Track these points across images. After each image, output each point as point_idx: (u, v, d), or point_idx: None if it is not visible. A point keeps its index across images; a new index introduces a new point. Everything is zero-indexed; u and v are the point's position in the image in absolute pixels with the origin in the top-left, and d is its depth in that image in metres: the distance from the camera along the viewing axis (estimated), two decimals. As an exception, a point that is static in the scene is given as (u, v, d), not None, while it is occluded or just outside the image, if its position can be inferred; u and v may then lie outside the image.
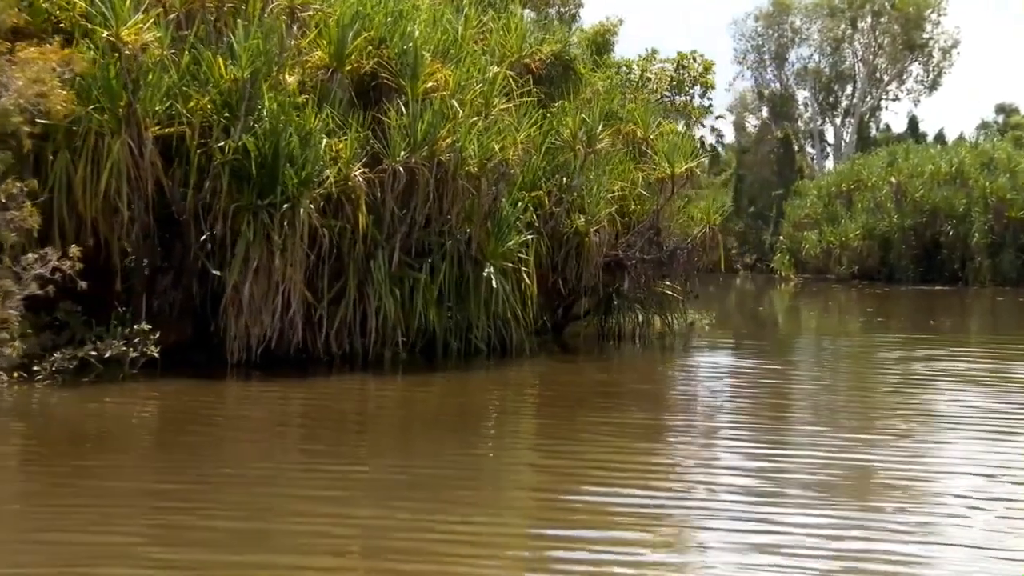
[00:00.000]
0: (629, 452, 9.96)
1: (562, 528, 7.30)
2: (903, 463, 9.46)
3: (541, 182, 16.68)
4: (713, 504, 7.95)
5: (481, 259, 15.57)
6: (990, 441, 10.53)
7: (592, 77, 18.95)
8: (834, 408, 12.86)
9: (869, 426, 11.37)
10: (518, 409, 13.00)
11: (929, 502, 8.22)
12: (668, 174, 18.00)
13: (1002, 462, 9.50)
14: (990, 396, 13.41)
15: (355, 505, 7.72)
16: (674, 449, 10.42)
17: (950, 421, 11.74)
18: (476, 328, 15.56)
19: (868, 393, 14.21)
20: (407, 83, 14.61)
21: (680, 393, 14.60)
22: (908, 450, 10.11)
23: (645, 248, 18.15)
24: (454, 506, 7.75)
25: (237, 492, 8.02)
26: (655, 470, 9.30)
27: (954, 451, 10.24)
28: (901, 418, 11.90)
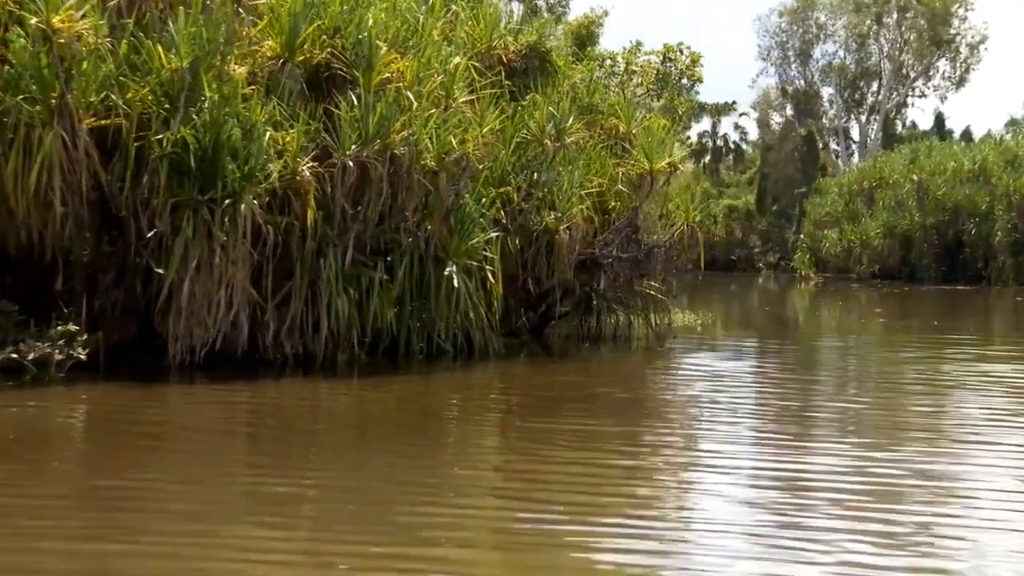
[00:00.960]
0: (558, 462, 9.34)
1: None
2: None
3: (510, 177, 16.01)
4: (623, 527, 7.28)
5: (444, 257, 14.94)
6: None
7: (571, 70, 18.25)
8: (801, 416, 12.12)
9: (842, 442, 10.65)
10: (461, 415, 12.33)
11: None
12: (647, 169, 17.27)
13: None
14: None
15: (212, 521, 7.11)
16: (606, 458, 9.71)
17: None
18: (439, 329, 14.92)
19: (844, 402, 13.44)
20: (361, 74, 13.98)
21: (643, 397, 13.90)
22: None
23: (623, 246, 17.43)
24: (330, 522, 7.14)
25: (96, 509, 7.43)
26: (575, 482, 8.63)
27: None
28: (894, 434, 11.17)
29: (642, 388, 14.68)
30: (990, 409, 12.44)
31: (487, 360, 15.44)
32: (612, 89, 19.45)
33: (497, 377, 14.96)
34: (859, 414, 12.17)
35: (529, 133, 15.91)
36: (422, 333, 15.06)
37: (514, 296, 17.07)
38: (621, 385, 14.86)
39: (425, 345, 15.05)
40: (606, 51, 19.23)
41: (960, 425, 11.42)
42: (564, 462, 9.32)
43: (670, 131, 19.12)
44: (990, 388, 14.19)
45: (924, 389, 14.25)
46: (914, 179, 45.45)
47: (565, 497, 7.95)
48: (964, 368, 16.14)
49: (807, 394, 14.10)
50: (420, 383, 13.90)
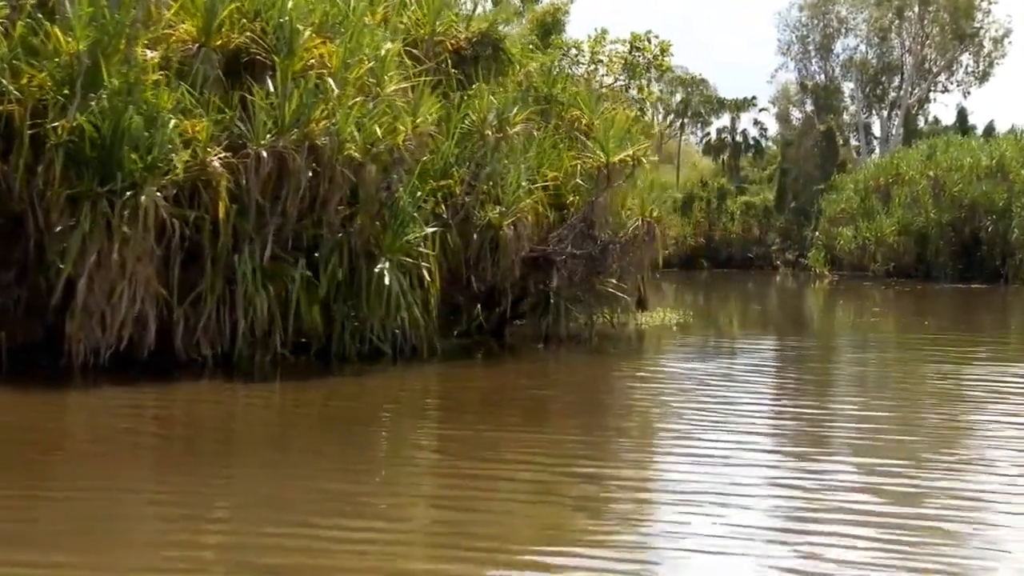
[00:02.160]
0: (452, 475, 8.59)
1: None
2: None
3: (453, 170, 15.15)
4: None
5: (377, 254, 14.12)
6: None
7: (529, 59, 17.36)
8: (737, 426, 11.17)
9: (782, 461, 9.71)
10: (367, 422, 11.45)
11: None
12: (603, 162, 16.36)
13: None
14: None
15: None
16: (508, 471, 8.82)
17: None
18: (371, 329, 14.10)
19: (795, 408, 12.49)
20: (281, 60, 13.17)
21: (577, 401, 13.02)
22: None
23: (578, 243, 16.52)
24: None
25: None
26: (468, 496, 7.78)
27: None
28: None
29: (582, 392, 13.80)
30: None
31: (428, 362, 14.64)
32: (579, 79, 18.50)
33: (430, 380, 14.16)
34: (804, 421, 11.28)
35: (471, 123, 14.99)
36: (358, 333, 14.24)
37: (464, 295, 16.24)
38: (561, 389, 14.04)
39: (360, 346, 14.22)
40: (571, 40, 18.30)
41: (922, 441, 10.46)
42: (458, 475, 8.62)
43: (635, 123, 18.21)
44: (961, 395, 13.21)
45: (875, 396, 13.29)
46: (930, 175, 44.08)
47: (443, 515, 7.35)
48: (940, 373, 15.13)
49: (761, 399, 13.16)
50: (343, 386, 13.14)
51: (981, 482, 8.33)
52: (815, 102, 59.05)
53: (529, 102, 16.85)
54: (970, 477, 8.58)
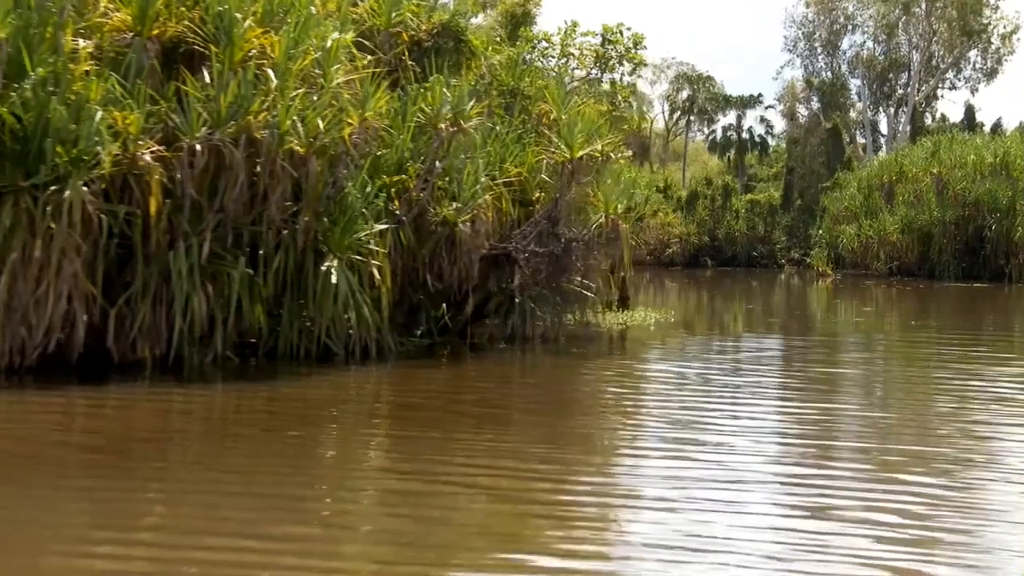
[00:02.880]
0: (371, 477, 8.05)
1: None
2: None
3: (408, 165, 14.59)
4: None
5: (326, 251, 13.59)
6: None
7: (498, 51, 16.80)
8: (697, 429, 10.58)
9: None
10: (301, 425, 10.86)
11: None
12: (567, 158, 15.78)
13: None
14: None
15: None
16: (434, 475, 8.27)
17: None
18: (320, 329, 13.58)
19: (738, 415, 11.86)
20: (221, 50, 12.63)
21: (537, 403, 12.47)
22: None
23: (542, 240, 15.95)
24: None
25: None
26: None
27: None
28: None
29: (540, 394, 13.25)
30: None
31: (383, 363, 14.13)
32: (550, 72, 17.92)
33: (382, 382, 13.61)
34: (763, 422, 10.71)
35: (424, 117, 14.43)
36: (306, 334, 13.72)
37: (425, 294, 15.69)
38: (518, 390, 13.51)
39: (310, 347, 13.70)
40: (540, 32, 17.69)
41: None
42: (405, 480, 8.14)
43: (606, 117, 17.62)
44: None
45: (843, 398, 12.66)
46: (934, 173, 43.30)
47: (388, 523, 6.94)
48: (906, 375, 14.51)
49: (722, 401, 12.52)
50: (289, 388, 12.51)
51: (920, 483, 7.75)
52: (821, 99, 58.22)
53: (493, 95, 16.29)
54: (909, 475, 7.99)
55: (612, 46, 18.46)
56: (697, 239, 56.05)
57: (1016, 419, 11.16)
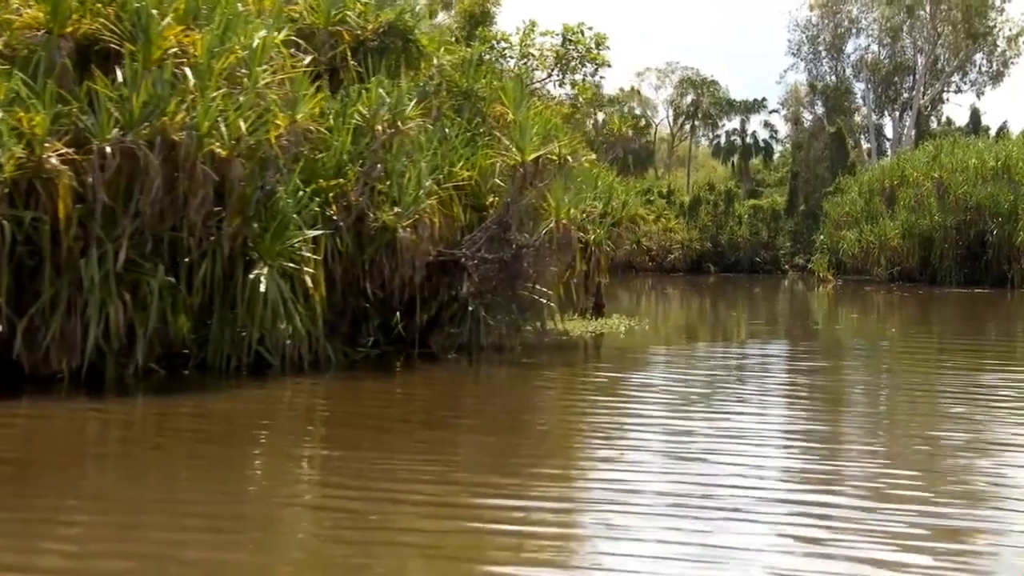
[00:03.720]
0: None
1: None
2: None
3: (347, 168, 13.94)
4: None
5: (256, 258, 12.95)
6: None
7: (453, 51, 16.13)
8: (647, 443, 9.88)
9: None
10: (241, 439, 10.19)
11: None
12: (519, 161, 15.11)
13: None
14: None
15: None
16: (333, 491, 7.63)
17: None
18: (249, 339, 12.94)
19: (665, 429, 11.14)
20: (138, 48, 12.01)
21: (481, 417, 11.82)
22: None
23: (493, 247, 15.27)
24: None
25: None
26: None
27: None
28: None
29: (485, 406, 12.60)
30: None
31: (322, 374, 13.52)
32: (509, 73, 17.24)
33: (316, 395, 12.95)
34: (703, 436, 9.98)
35: (360, 119, 13.77)
36: (242, 344, 13.09)
37: (374, 302, 15.01)
38: (462, 403, 12.86)
39: (240, 358, 13.06)
40: (498, 32, 17.00)
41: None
42: (334, 500, 7.65)
43: (548, 116, 16.93)
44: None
45: (809, 412, 11.93)
46: (935, 177, 42.38)
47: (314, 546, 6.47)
48: (874, 384, 13.76)
49: (674, 413, 11.83)
50: (217, 402, 11.87)
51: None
52: (825, 103, 57.33)
53: (443, 96, 15.63)
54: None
55: (573, 46, 17.75)
56: (699, 245, 55.24)
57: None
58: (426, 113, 14.73)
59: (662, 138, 68.61)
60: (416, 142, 14.36)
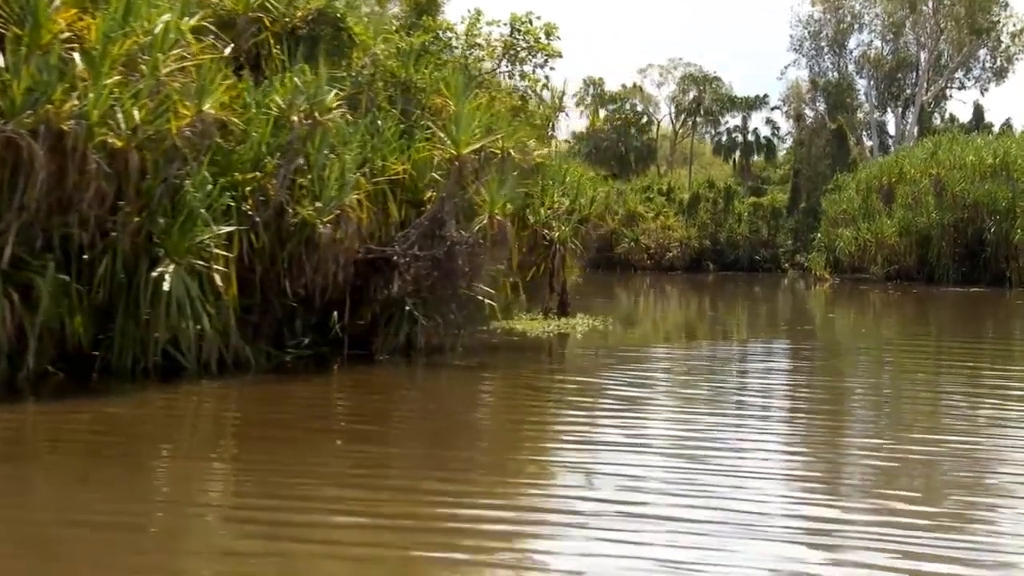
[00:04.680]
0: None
1: None
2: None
3: (265, 162, 13.12)
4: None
5: (162, 255, 12.15)
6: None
7: (386, 39, 15.29)
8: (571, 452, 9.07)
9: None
10: (139, 450, 9.36)
11: None
12: (454, 154, 14.26)
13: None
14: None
15: None
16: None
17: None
18: (154, 340, 12.14)
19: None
20: (26, 32, 11.21)
21: (404, 424, 11.06)
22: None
23: (427, 244, 14.43)
24: None
25: None
26: None
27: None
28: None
29: (413, 411, 11.85)
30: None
31: (241, 376, 12.73)
32: (455, 64, 16.37)
33: (227, 401, 12.20)
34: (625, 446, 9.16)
35: (276, 109, 12.94)
36: (149, 345, 12.29)
37: (304, 302, 14.20)
38: (383, 408, 12.06)
39: (146, 361, 12.26)
40: (443, 21, 16.14)
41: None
42: (238, 514, 7.16)
43: (519, 112, 16.09)
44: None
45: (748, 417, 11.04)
46: (932, 174, 41.27)
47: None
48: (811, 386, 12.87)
49: (608, 417, 11.06)
50: (118, 408, 11.10)
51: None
52: (827, 100, 56.17)
53: (379, 87, 14.82)
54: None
55: (521, 36, 16.88)
56: (698, 243, 54.24)
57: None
58: (357, 104, 13.92)
59: (664, 135, 67.54)
60: (341, 134, 13.52)
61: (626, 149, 61.92)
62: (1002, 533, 6.72)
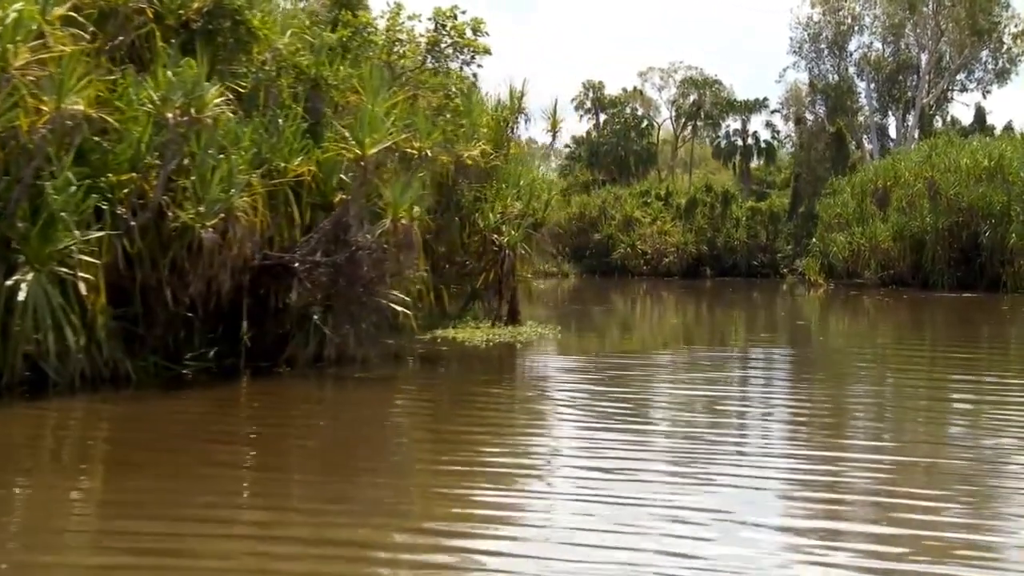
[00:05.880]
0: None
1: None
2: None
3: (144, 162, 12.17)
4: None
5: (22, 262, 11.23)
6: None
7: (296, 33, 14.32)
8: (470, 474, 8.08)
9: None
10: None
11: None
12: (358, 154, 13.29)
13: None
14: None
15: None
16: None
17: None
18: (12, 352, 11.22)
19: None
20: None
21: (285, 441, 10.07)
22: None
23: (332, 249, 13.47)
24: None
25: None
26: None
27: None
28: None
29: (299, 428, 10.85)
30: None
31: (119, 391, 11.83)
32: (376, 60, 15.38)
33: (98, 419, 11.26)
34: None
35: (151, 106, 11.98)
36: (13, 358, 11.39)
37: (201, 311, 13.25)
38: (268, 423, 11.09)
39: (16, 373, 11.36)
40: (362, 15, 15.12)
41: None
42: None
43: (442, 111, 15.08)
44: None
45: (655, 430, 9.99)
46: (927, 177, 39.95)
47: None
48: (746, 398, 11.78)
49: (514, 431, 10.10)
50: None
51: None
52: (826, 103, 54.84)
53: (282, 84, 13.87)
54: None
55: (446, 32, 15.86)
56: (695, 248, 53.04)
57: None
58: (256, 101, 13.00)
59: (666, 140, 66.37)
60: (231, 133, 12.56)
61: (626, 153, 60.76)
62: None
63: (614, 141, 61.42)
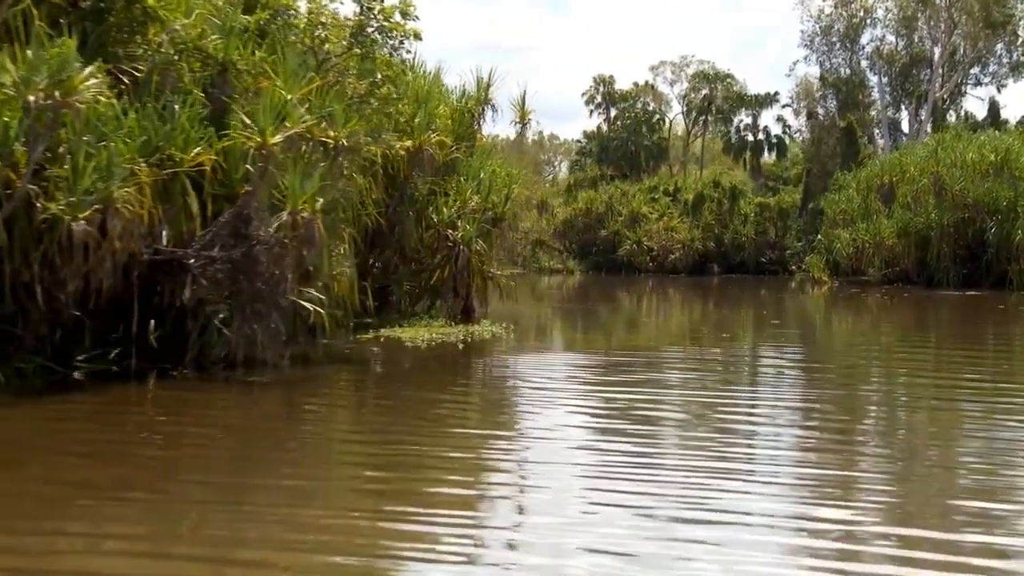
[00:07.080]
0: None
1: None
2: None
3: (12, 150, 11.13)
4: None
5: None
6: None
7: (201, 15, 13.25)
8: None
9: None
10: None
11: None
12: (259, 142, 12.21)
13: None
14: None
15: None
16: None
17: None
18: None
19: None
20: None
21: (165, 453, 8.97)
22: None
23: (231, 244, 12.40)
24: None
25: None
26: None
27: None
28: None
29: (184, 439, 9.76)
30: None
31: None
32: (298, 45, 14.27)
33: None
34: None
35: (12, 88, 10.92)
36: None
37: (93, 311, 12.20)
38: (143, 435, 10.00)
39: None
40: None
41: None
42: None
43: (367, 97, 13.98)
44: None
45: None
46: (932, 172, 38.45)
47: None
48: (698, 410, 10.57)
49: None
50: None
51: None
52: (837, 97, 53.29)
53: (183, 68, 12.80)
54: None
55: (372, 15, 14.72)
56: (702, 245, 51.75)
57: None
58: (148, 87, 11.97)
59: (678, 136, 64.96)
60: (112, 118, 11.50)
61: (636, 148, 59.44)
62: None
63: (625, 136, 60.14)
